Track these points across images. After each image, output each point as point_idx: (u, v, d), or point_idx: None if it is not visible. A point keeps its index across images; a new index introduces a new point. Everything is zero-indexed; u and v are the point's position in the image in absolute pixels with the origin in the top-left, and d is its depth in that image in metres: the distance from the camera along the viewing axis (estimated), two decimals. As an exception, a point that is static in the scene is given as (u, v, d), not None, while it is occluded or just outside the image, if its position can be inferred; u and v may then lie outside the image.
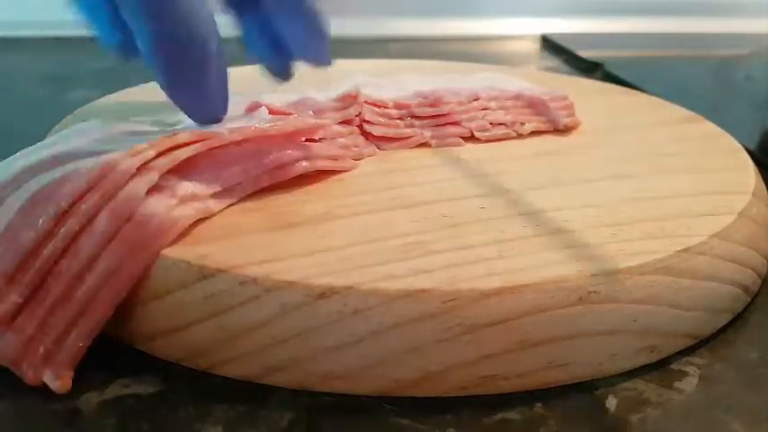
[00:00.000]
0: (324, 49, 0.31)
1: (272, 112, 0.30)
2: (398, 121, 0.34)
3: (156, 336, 0.24)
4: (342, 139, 0.32)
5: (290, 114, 0.31)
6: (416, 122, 0.34)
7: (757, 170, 0.32)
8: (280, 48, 0.32)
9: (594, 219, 0.27)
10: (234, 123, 0.28)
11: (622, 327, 0.23)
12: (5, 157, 0.27)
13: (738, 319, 0.27)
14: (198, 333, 0.23)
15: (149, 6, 0.25)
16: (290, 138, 0.29)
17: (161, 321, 0.23)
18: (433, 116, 0.34)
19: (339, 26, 0.33)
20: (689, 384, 0.24)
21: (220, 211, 0.26)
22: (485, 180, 0.30)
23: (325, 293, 0.22)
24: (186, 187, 0.25)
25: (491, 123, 0.35)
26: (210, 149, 0.26)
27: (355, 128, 0.33)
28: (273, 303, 0.22)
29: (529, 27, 0.78)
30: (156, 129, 0.31)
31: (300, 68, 0.32)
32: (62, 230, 0.23)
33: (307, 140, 0.30)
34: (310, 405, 0.22)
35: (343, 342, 0.22)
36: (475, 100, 0.36)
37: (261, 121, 0.29)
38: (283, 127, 0.28)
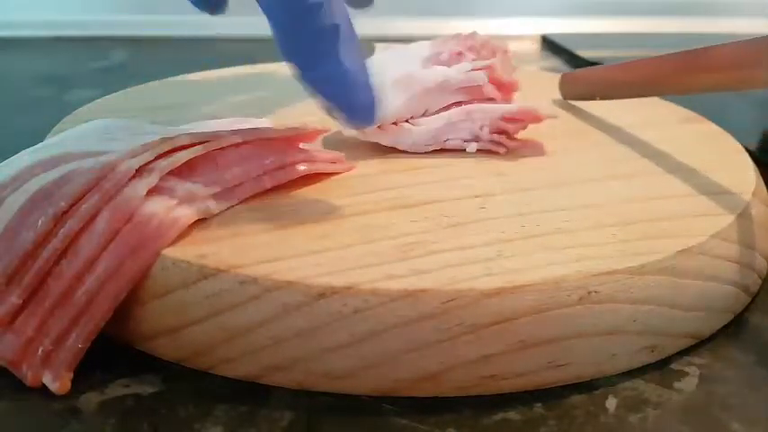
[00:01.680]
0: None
1: None
2: None
3: (156, 336, 0.24)
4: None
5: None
6: None
7: (757, 170, 0.32)
8: None
9: (594, 219, 0.27)
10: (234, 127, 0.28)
11: (622, 327, 0.23)
12: (5, 158, 0.27)
13: (738, 319, 0.27)
14: (198, 333, 0.23)
15: None
16: (289, 141, 0.29)
17: (161, 321, 0.24)
18: None
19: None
20: (689, 384, 0.24)
21: (221, 211, 0.26)
22: (485, 180, 0.30)
23: (325, 293, 0.22)
24: (186, 188, 0.25)
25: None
26: (211, 152, 0.26)
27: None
28: (273, 303, 0.22)
29: (529, 27, 0.78)
30: (156, 129, 0.31)
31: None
32: (62, 231, 0.23)
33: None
34: (310, 405, 0.22)
35: (343, 342, 0.22)
36: None
37: (260, 126, 0.29)
38: (283, 131, 0.28)
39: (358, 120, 0.26)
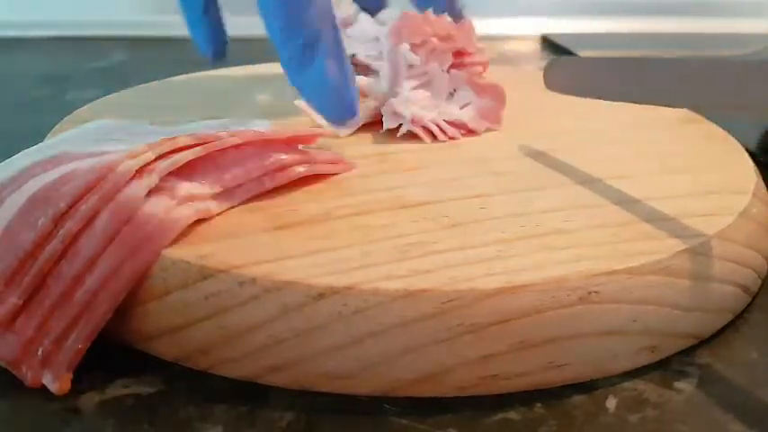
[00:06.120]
0: None
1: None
2: None
3: (156, 336, 0.24)
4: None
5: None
6: None
7: (757, 170, 0.32)
8: None
9: (595, 219, 0.27)
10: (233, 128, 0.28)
11: (622, 327, 0.23)
12: (5, 157, 0.27)
13: (738, 319, 0.27)
14: (198, 333, 0.23)
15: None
16: (288, 143, 0.29)
17: (161, 321, 0.24)
18: None
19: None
20: (689, 384, 0.24)
21: (222, 211, 0.26)
22: (485, 180, 0.30)
23: (325, 293, 0.22)
24: (186, 188, 0.25)
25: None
26: (211, 152, 0.26)
27: None
28: (273, 303, 0.22)
29: (529, 27, 0.78)
30: (156, 129, 0.31)
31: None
32: (61, 231, 0.23)
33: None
34: (310, 405, 0.22)
35: (343, 342, 0.22)
36: None
37: (260, 127, 0.29)
38: (282, 132, 0.28)
39: (334, 122, 0.30)
